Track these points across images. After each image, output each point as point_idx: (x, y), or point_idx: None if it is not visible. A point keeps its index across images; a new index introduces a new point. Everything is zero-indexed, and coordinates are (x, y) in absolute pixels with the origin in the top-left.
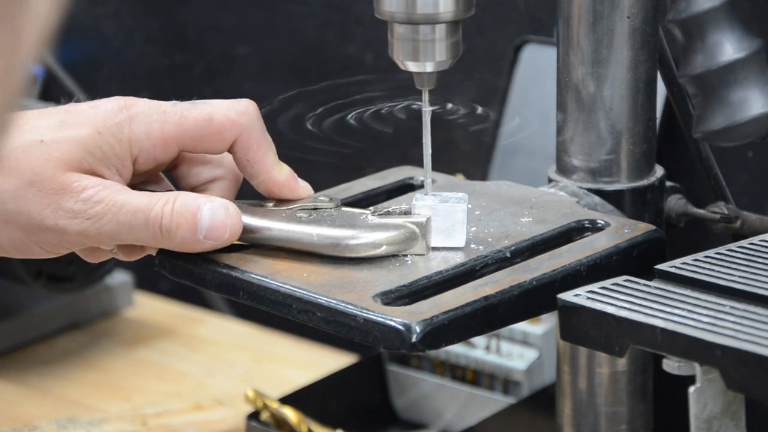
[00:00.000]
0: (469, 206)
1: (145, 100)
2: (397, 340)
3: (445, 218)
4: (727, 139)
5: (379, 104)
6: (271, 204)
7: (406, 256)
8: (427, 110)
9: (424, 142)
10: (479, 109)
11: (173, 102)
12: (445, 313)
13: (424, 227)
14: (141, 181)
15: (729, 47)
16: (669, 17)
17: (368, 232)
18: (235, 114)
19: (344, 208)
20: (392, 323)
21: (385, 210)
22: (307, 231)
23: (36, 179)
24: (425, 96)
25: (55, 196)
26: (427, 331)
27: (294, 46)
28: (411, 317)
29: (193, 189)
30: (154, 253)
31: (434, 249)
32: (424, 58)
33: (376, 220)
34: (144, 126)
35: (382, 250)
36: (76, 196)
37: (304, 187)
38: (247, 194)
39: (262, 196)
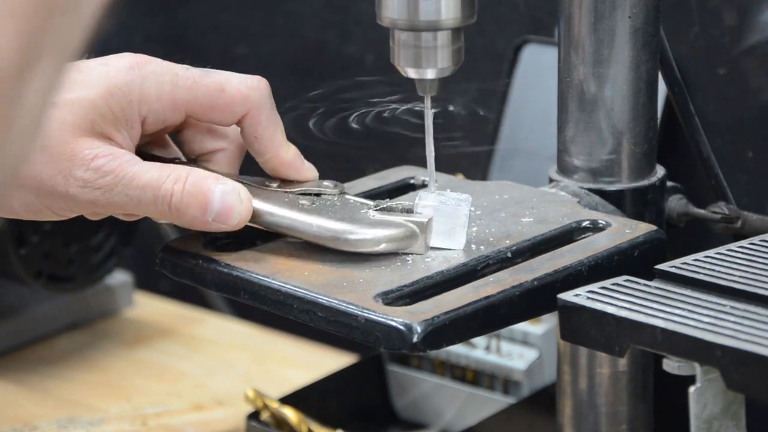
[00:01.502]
0: (472, 209)
1: (158, 60)
2: (399, 340)
3: (447, 219)
4: None
5: (379, 104)
6: (275, 184)
7: (406, 255)
8: (429, 113)
9: (426, 142)
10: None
11: (186, 66)
12: (446, 313)
13: (425, 227)
14: (147, 141)
15: None
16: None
17: (368, 228)
18: (247, 89)
19: (347, 197)
20: (393, 323)
21: (388, 206)
22: (307, 221)
23: (48, 143)
24: (427, 102)
25: (67, 162)
26: (429, 331)
27: (294, 46)
28: (412, 317)
29: (197, 156)
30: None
31: (433, 249)
32: (426, 64)
33: (377, 215)
34: (155, 86)
35: (381, 247)
36: (86, 164)
37: (309, 169)
38: (247, 170)
39: (263, 172)
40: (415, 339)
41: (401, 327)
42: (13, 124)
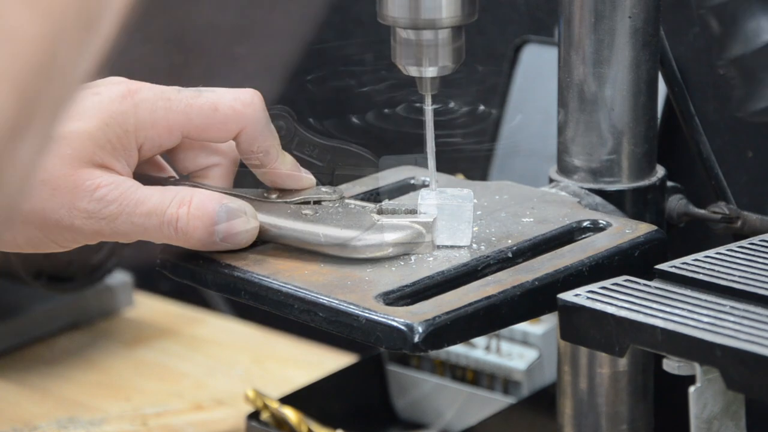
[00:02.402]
0: (475, 200)
1: (149, 85)
2: (400, 341)
3: (451, 217)
4: None
5: (379, 104)
6: (274, 195)
7: (408, 255)
8: (429, 109)
9: (426, 140)
10: (480, 109)
11: (177, 88)
12: (447, 313)
13: (431, 227)
14: (140, 162)
15: (766, 30)
16: (702, 4)
17: (376, 234)
18: (241, 105)
19: (348, 201)
20: (394, 323)
21: (392, 208)
22: (314, 231)
23: (49, 177)
24: (428, 99)
25: (69, 195)
26: (429, 332)
27: (294, 46)
28: (413, 317)
29: (191, 173)
30: None
31: (440, 247)
32: (427, 63)
33: (383, 219)
34: (149, 114)
35: (390, 251)
36: (89, 195)
37: (306, 177)
38: (241, 183)
39: (258, 181)
40: (416, 339)
41: (402, 327)
42: (3, 182)
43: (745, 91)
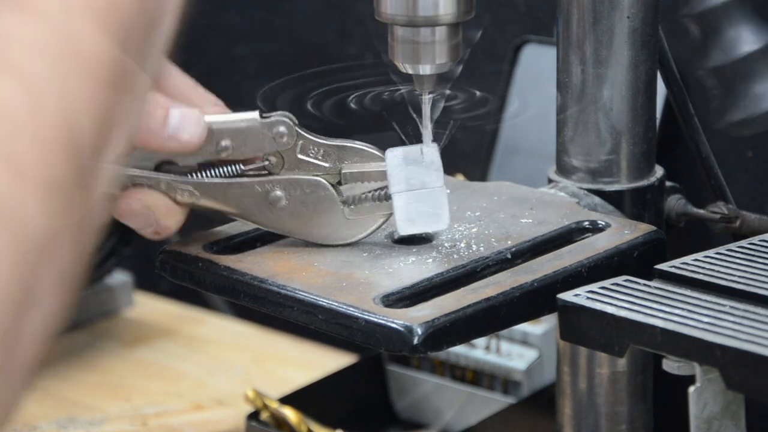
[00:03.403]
0: (449, 188)
1: None
2: (399, 342)
3: (426, 203)
4: (746, 131)
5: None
6: (226, 168)
7: (406, 256)
8: (427, 109)
9: (424, 137)
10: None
11: None
12: (446, 315)
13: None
14: None
15: (746, 40)
16: (683, 12)
17: (345, 231)
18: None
19: (297, 176)
20: (394, 325)
21: (359, 198)
22: (285, 228)
23: None
24: (425, 97)
25: None
26: (429, 333)
27: (294, 46)
28: (412, 319)
29: None
30: None
31: (422, 239)
32: (424, 60)
33: (351, 215)
34: None
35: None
36: None
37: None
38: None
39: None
40: (415, 341)
41: (402, 329)
42: (10, 360)
43: (723, 102)
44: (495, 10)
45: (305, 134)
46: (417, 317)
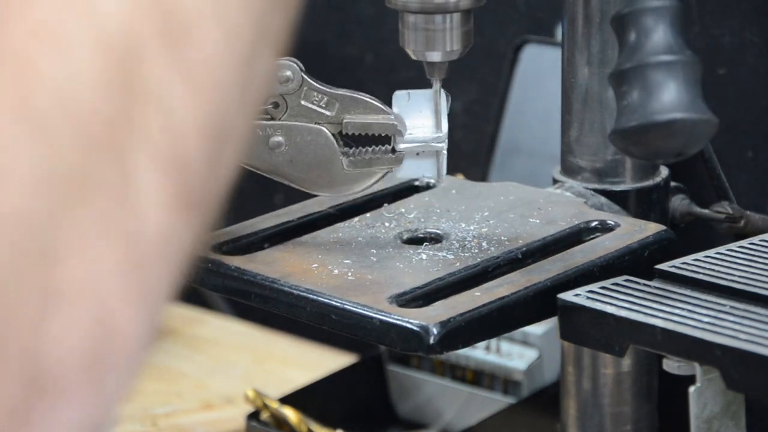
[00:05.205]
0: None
1: None
2: (415, 342)
3: (427, 151)
4: (638, 143)
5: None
6: None
7: (417, 255)
8: (438, 96)
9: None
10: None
11: None
12: (461, 314)
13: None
14: None
15: (651, 48)
16: (614, 12)
17: (345, 187)
18: None
19: (298, 123)
20: (409, 325)
21: (358, 152)
22: (286, 175)
23: None
24: (437, 85)
25: None
26: (445, 333)
27: (294, 46)
28: (428, 319)
29: None
30: None
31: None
32: (436, 47)
33: (348, 166)
34: None
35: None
36: None
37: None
38: None
39: None
40: (431, 341)
41: (418, 329)
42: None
43: (619, 108)
44: (495, 10)
45: (310, 80)
46: (432, 317)
